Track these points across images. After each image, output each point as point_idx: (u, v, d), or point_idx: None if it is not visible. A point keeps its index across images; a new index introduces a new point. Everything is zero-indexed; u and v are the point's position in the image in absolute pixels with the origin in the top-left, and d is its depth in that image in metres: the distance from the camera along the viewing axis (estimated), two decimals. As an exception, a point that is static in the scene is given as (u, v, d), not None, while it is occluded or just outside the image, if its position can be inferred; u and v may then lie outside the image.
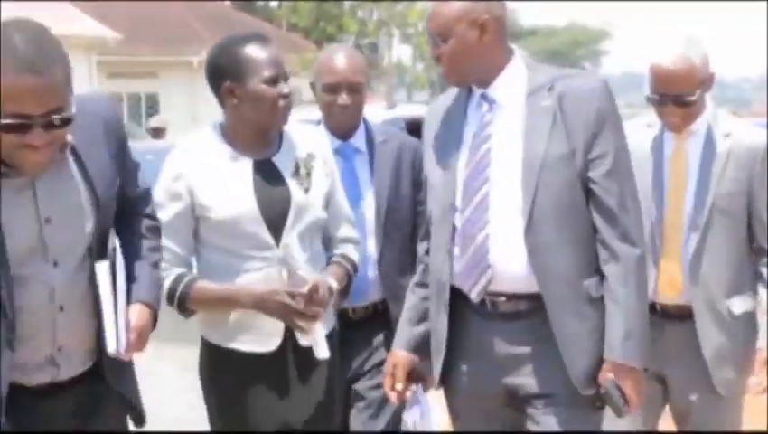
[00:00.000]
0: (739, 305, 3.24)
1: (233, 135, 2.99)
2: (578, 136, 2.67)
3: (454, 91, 2.93)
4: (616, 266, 2.68)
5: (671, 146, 3.29)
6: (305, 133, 3.13)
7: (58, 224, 2.36)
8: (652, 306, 3.10)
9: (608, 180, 2.68)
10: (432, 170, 2.88)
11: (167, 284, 2.89)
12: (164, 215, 2.88)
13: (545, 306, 2.68)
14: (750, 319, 3.24)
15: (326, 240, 3.14)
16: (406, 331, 2.98)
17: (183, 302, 2.91)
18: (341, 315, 3.33)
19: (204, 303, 2.94)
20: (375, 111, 7.48)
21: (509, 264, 2.70)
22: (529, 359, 2.73)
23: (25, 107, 2.15)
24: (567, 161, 2.67)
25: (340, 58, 3.42)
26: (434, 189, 2.86)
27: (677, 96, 3.16)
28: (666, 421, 3.54)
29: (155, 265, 2.66)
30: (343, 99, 3.38)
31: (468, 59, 2.73)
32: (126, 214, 2.60)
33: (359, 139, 3.51)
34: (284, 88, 2.92)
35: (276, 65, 2.92)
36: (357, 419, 3.42)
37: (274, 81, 2.90)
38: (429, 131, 2.95)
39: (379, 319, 3.42)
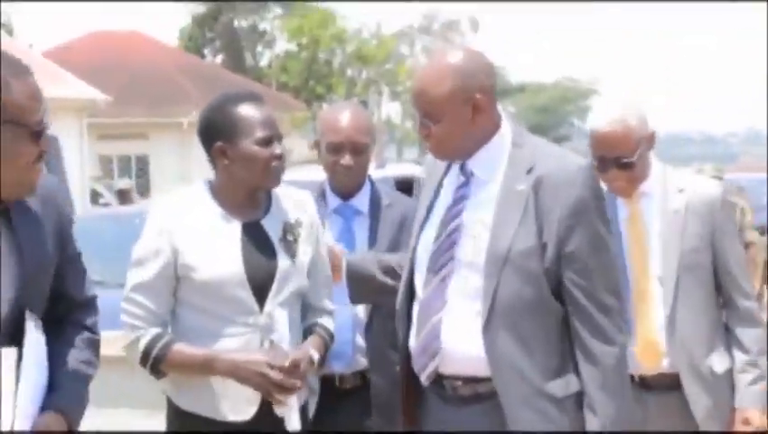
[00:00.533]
0: (719, 362, 3.19)
1: (223, 195, 2.91)
2: (551, 228, 2.50)
3: None
4: (593, 368, 2.52)
5: (625, 211, 3.24)
6: (294, 196, 3.03)
7: None
8: (631, 378, 2.93)
9: (582, 277, 2.52)
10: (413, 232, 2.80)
11: (143, 343, 2.78)
12: (145, 272, 2.81)
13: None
14: (730, 377, 3.20)
15: (305, 307, 3.02)
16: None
17: (158, 364, 2.79)
18: (327, 383, 3.24)
19: (180, 366, 2.82)
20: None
21: (461, 346, 2.55)
22: None
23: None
24: (535, 255, 2.51)
25: (345, 116, 3.33)
26: (408, 252, 2.79)
27: (617, 158, 3.12)
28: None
29: (85, 381, 2.39)
30: (347, 159, 3.28)
31: (459, 138, 2.59)
32: (64, 321, 2.40)
33: (361, 200, 3.41)
34: (276, 148, 2.86)
35: (269, 126, 2.87)
36: None
37: (267, 142, 2.84)
38: (423, 186, 2.88)
39: (361, 388, 3.28)
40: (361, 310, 3.30)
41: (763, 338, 3.21)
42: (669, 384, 3.16)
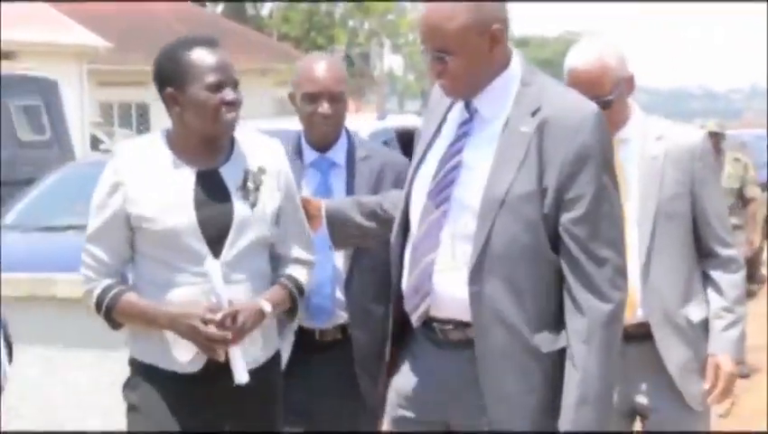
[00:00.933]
0: (696, 313, 3.11)
1: (178, 143, 2.85)
2: (553, 173, 2.38)
3: None
4: (579, 320, 2.38)
5: None
6: (261, 143, 2.96)
7: None
8: None
9: (579, 226, 2.38)
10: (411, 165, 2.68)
11: (95, 295, 2.80)
12: (97, 222, 2.81)
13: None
14: (707, 326, 3.12)
15: (276, 259, 2.96)
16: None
17: (109, 313, 2.81)
18: (307, 337, 3.23)
19: (128, 317, 2.82)
20: (365, 121, 7.40)
21: (452, 289, 2.44)
22: (475, 395, 2.45)
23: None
24: (533, 200, 2.38)
25: (320, 66, 3.30)
26: (405, 188, 2.67)
27: (593, 98, 2.86)
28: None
29: None
30: (325, 108, 3.24)
31: (477, 72, 2.46)
32: None
33: (337, 153, 3.36)
34: (228, 94, 2.77)
35: (221, 70, 2.78)
36: None
37: (217, 88, 2.76)
38: (424, 122, 2.75)
39: (344, 343, 3.25)
40: (341, 264, 3.26)
41: (740, 284, 3.15)
42: (644, 334, 3.06)
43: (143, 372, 2.84)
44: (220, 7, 38.37)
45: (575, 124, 2.39)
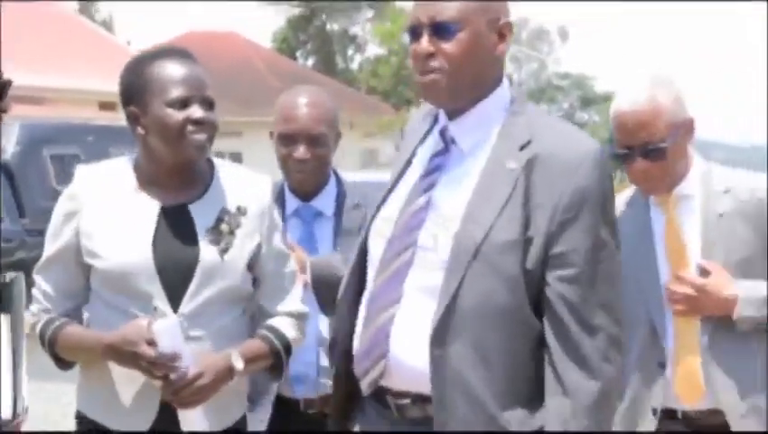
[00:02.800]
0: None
1: (144, 171, 2.44)
2: (542, 220, 1.96)
3: (427, 108, 2.24)
4: (561, 399, 1.96)
5: (660, 218, 2.67)
6: (246, 179, 2.52)
7: None
8: (673, 414, 2.59)
9: (571, 287, 1.96)
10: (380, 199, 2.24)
11: (38, 329, 2.47)
12: (48, 252, 2.47)
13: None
14: None
15: (260, 314, 2.52)
16: None
17: (53, 347, 2.44)
18: (290, 407, 2.83)
19: (69, 351, 2.44)
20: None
21: (412, 354, 2.00)
22: None
23: None
24: (515, 251, 1.95)
25: (299, 102, 2.86)
26: (363, 238, 2.22)
27: (643, 145, 2.54)
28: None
29: None
30: (300, 152, 2.82)
31: (473, 69, 2.04)
32: None
33: (324, 201, 2.92)
34: (196, 112, 2.34)
35: (188, 84, 2.35)
36: None
37: (183, 104, 2.33)
38: (397, 153, 2.35)
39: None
40: (325, 328, 2.78)
41: None
42: (717, 426, 2.56)
43: (91, 427, 2.46)
44: (311, 60, 39.46)
45: (571, 162, 1.97)
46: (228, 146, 27.18)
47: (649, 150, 2.54)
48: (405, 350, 2.01)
